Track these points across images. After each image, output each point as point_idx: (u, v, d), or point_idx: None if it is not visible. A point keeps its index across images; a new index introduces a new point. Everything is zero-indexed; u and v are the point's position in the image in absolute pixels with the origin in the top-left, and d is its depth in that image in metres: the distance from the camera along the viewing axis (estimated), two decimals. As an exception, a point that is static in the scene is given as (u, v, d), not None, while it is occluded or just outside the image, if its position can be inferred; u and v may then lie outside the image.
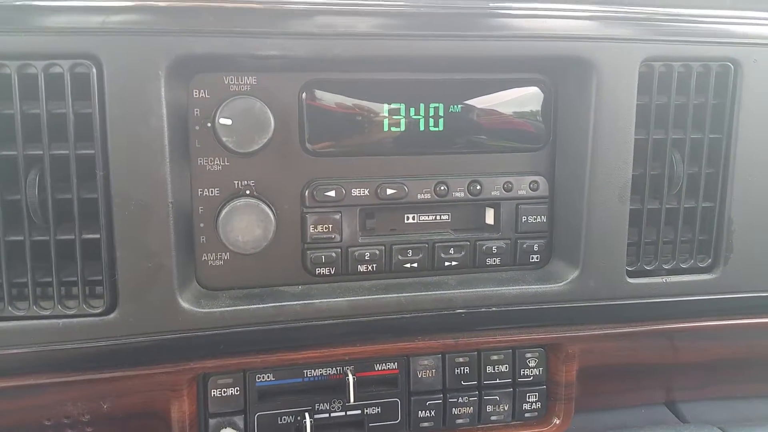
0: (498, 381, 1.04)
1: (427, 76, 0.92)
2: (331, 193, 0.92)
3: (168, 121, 0.80)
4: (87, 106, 0.79)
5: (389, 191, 0.93)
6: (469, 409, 1.03)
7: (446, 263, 0.98)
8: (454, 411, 1.03)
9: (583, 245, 0.95)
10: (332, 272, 0.94)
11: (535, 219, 0.99)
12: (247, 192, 0.89)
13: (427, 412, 1.02)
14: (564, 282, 0.97)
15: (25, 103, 0.78)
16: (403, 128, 0.93)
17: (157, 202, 0.82)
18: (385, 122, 0.92)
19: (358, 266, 0.94)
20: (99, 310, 0.83)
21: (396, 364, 1.00)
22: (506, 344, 1.03)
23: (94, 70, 0.78)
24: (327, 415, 0.99)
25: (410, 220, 0.97)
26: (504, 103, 0.96)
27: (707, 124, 0.97)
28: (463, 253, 0.98)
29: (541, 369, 1.05)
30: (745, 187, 0.99)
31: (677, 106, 0.95)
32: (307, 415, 0.96)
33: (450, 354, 1.01)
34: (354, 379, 0.96)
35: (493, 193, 0.97)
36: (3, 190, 0.80)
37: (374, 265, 0.95)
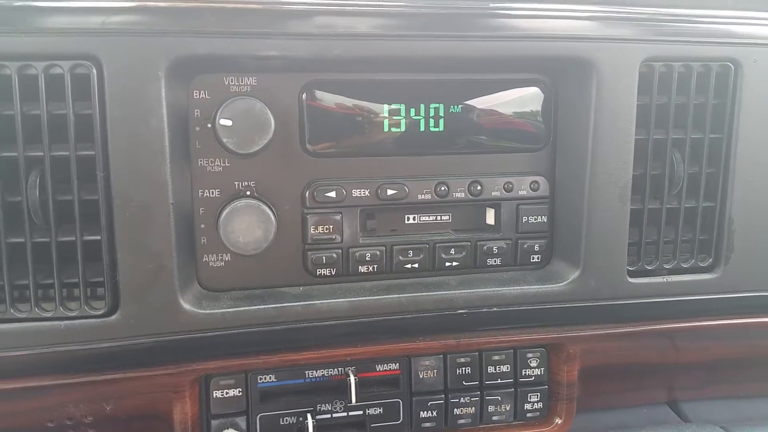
0: (500, 381, 1.04)
1: (428, 77, 0.92)
2: (332, 194, 0.92)
3: (168, 122, 0.80)
4: (87, 107, 0.79)
5: (390, 192, 0.93)
6: (471, 410, 1.03)
7: (447, 264, 0.98)
8: (456, 411, 1.03)
9: (583, 245, 0.95)
10: (333, 273, 0.94)
11: (535, 219, 0.99)
12: (248, 193, 0.89)
13: (429, 412, 1.02)
14: (565, 282, 0.97)
15: (26, 104, 0.78)
16: (404, 129, 0.93)
17: (158, 204, 0.82)
18: (386, 123, 0.92)
19: (359, 267, 0.95)
20: (100, 312, 0.83)
21: (397, 364, 1.00)
22: (508, 344, 1.02)
23: (94, 71, 0.78)
24: (329, 416, 0.99)
25: (411, 221, 0.97)
26: (504, 103, 0.96)
27: (708, 124, 0.97)
28: (463, 254, 0.98)
29: (542, 369, 1.05)
30: (746, 187, 0.99)
31: (677, 106, 0.95)
32: (309, 415, 0.96)
33: (451, 354, 1.01)
34: (356, 380, 0.96)
35: (494, 194, 0.97)
36: (4, 192, 0.80)
37: (375, 266, 0.95)
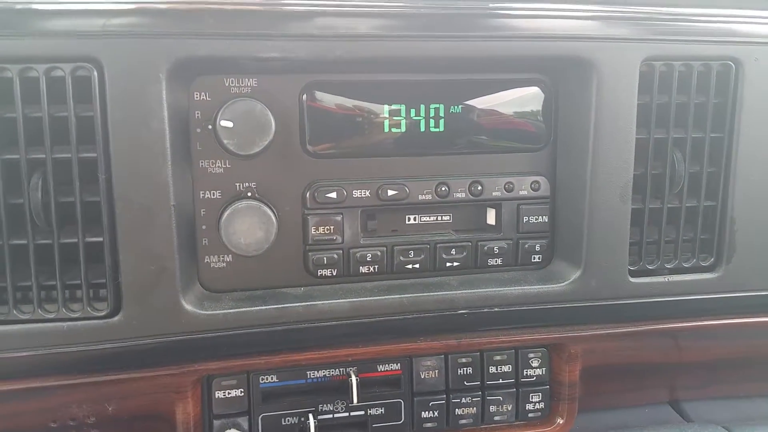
0: (501, 381, 1.04)
1: (428, 77, 0.92)
2: (333, 195, 0.92)
3: (169, 123, 0.81)
4: (88, 109, 0.79)
5: (390, 192, 0.93)
6: (473, 410, 1.03)
7: (448, 264, 0.98)
8: (458, 411, 1.03)
9: (585, 245, 0.95)
10: (334, 274, 0.94)
11: (536, 219, 0.99)
12: (249, 194, 0.89)
13: (431, 412, 1.02)
14: (566, 282, 0.97)
15: (27, 107, 0.78)
16: (404, 129, 0.93)
17: (160, 205, 0.82)
18: (386, 123, 0.92)
19: (360, 267, 0.95)
20: (103, 313, 0.84)
21: (399, 364, 1.00)
22: (509, 344, 1.02)
23: (95, 73, 0.78)
24: (331, 416, 0.99)
25: (411, 221, 0.97)
26: (505, 103, 0.96)
27: (708, 123, 0.96)
28: (464, 254, 0.98)
29: (544, 369, 1.05)
30: (747, 186, 0.99)
31: (678, 105, 0.95)
32: (311, 416, 0.97)
33: (453, 354, 1.01)
34: (357, 380, 0.96)
35: (495, 194, 0.97)
36: (6, 194, 0.80)
37: (376, 267, 0.95)
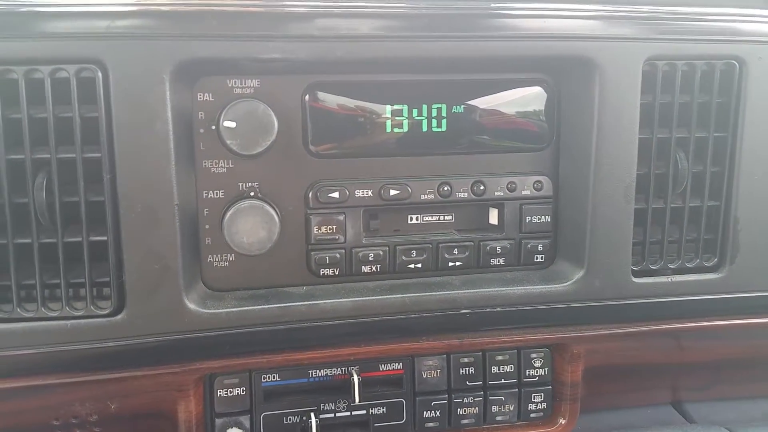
0: (503, 381, 1.04)
1: (430, 77, 0.93)
2: (335, 195, 0.92)
3: (173, 124, 0.81)
4: (93, 110, 0.80)
5: (393, 192, 0.93)
6: (475, 410, 1.03)
7: (450, 263, 0.98)
8: (460, 411, 1.03)
9: (587, 245, 0.95)
10: (337, 273, 0.95)
11: (539, 219, 0.99)
12: (252, 194, 0.90)
13: (432, 412, 1.02)
14: (569, 282, 0.97)
15: (32, 108, 0.79)
16: (406, 129, 0.93)
17: (163, 205, 0.82)
18: (388, 123, 0.92)
19: (363, 267, 0.95)
20: (106, 312, 0.84)
21: (401, 364, 1.00)
22: (511, 344, 1.02)
23: (99, 75, 0.79)
24: (332, 415, 0.99)
25: (414, 221, 0.97)
26: (507, 103, 0.96)
27: (712, 123, 0.96)
28: (467, 254, 0.98)
29: (546, 369, 1.05)
30: (751, 186, 0.98)
31: (681, 104, 0.95)
32: (313, 415, 0.97)
33: (455, 354, 1.01)
34: (359, 380, 0.96)
35: (497, 194, 0.97)
36: (11, 193, 0.81)
37: (378, 266, 0.95)
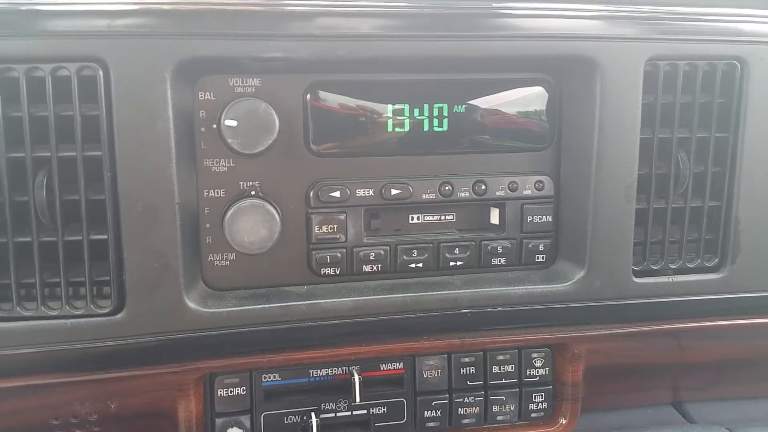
0: (504, 381, 1.04)
1: (431, 77, 0.92)
2: (336, 194, 0.92)
3: (174, 122, 0.81)
4: (94, 109, 0.80)
5: (394, 191, 0.93)
6: (475, 409, 1.03)
7: (451, 263, 0.98)
8: (460, 411, 1.03)
9: (589, 245, 0.95)
10: (337, 272, 0.95)
11: (540, 219, 0.99)
12: (253, 193, 0.90)
13: (433, 412, 1.02)
14: (570, 282, 0.97)
15: (33, 106, 0.79)
16: (408, 129, 0.93)
17: (164, 203, 0.82)
18: (389, 123, 0.92)
19: (363, 266, 0.95)
20: (106, 311, 0.84)
21: (402, 364, 1.00)
22: (512, 344, 1.02)
23: (100, 73, 0.79)
24: (333, 415, 0.99)
25: (415, 221, 0.97)
26: (508, 102, 0.96)
27: (713, 123, 0.96)
28: (468, 253, 0.98)
29: (547, 369, 1.05)
30: (752, 186, 0.98)
31: (683, 104, 0.95)
32: (313, 414, 0.97)
33: (456, 354, 1.01)
34: (360, 379, 0.96)
35: (498, 193, 0.97)
36: (11, 192, 0.80)
37: (379, 265, 0.95)
